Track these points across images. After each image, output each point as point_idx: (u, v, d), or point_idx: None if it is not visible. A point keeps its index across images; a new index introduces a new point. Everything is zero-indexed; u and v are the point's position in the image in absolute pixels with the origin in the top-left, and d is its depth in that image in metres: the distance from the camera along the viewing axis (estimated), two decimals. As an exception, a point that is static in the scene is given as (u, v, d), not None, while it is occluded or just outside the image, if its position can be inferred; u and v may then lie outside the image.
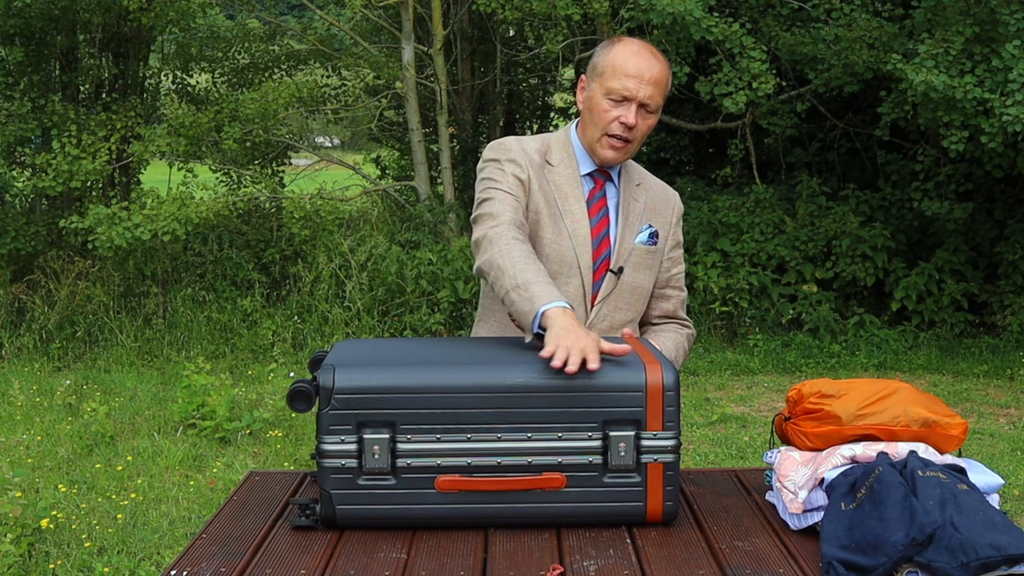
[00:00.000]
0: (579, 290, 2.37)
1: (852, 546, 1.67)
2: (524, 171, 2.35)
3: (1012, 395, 7.37)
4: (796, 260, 9.09)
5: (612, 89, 2.31)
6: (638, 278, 2.43)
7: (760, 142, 10.09)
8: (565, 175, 2.40)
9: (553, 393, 1.82)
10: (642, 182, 2.50)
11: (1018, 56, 7.22)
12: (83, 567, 4.22)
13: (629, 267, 2.41)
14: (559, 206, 2.37)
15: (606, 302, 2.39)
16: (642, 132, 2.38)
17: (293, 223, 8.94)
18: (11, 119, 8.98)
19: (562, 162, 2.41)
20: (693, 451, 5.97)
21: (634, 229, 2.42)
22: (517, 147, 2.40)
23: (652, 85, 2.32)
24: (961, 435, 1.91)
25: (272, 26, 11.19)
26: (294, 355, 8.26)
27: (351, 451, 1.83)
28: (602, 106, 2.33)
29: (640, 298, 2.45)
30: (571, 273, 2.37)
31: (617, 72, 2.31)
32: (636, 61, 2.32)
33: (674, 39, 8.45)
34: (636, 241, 2.42)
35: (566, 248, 2.36)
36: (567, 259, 2.36)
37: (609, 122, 2.32)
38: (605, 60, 2.35)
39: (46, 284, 8.84)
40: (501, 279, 2.10)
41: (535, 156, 2.40)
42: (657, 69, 2.33)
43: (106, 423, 6.22)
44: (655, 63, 2.34)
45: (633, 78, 2.30)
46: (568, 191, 2.39)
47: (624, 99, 2.31)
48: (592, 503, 1.85)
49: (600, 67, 2.36)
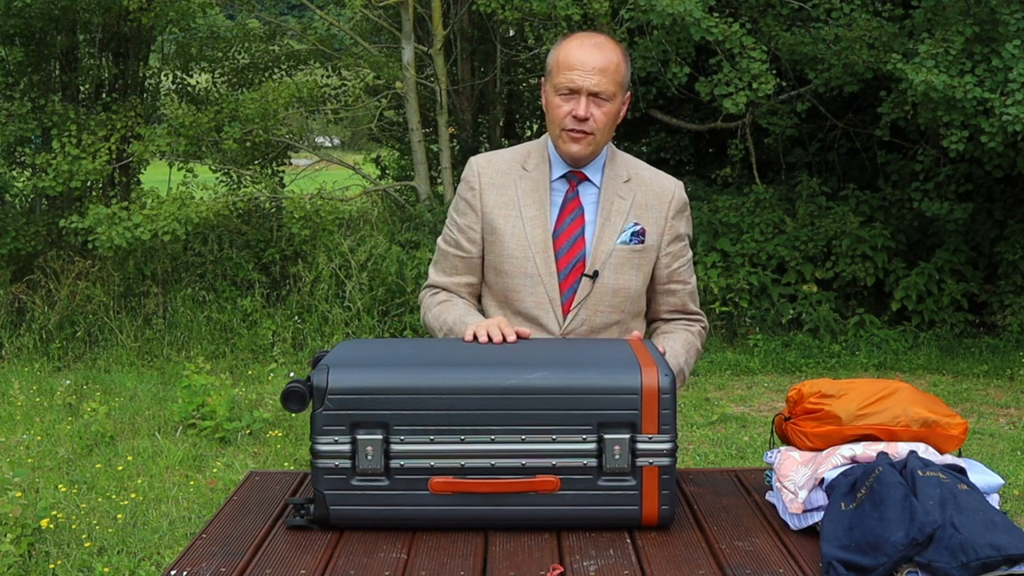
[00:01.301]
0: (544, 298, 2.37)
1: (852, 546, 1.67)
2: (476, 194, 2.46)
3: (1012, 395, 7.36)
4: (796, 260, 9.09)
5: (559, 85, 2.34)
6: (621, 279, 2.39)
7: (760, 142, 10.08)
8: (535, 181, 2.42)
9: (547, 395, 1.82)
10: (633, 177, 2.45)
11: (1018, 56, 7.22)
12: (83, 567, 4.22)
13: (609, 269, 2.38)
14: (522, 214, 2.39)
15: (583, 306, 2.38)
16: (601, 122, 2.35)
17: (293, 223, 8.94)
18: (11, 119, 8.97)
19: (536, 167, 2.43)
20: (693, 451, 5.97)
21: (615, 229, 2.39)
22: (481, 165, 2.49)
23: (598, 73, 2.31)
24: (961, 435, 1.91)
25: (272, 26, 11.18)
26: (294, 355, 8.26)
27: (345, 452, 1.83)
28: (554, 103, 2.36)
29: (626, 299, 2.41)
30: (534, 283, 2.38)
31: (561, 67, 2.33)
32: (579, 53, 2.32)
33: (674, 39, 8.45)
34: (617, 242, 2.38)
35: (525, 258, 2.38)
36: (527, 269, 2.38)
37: (562, 117, 2.34)
38: (553, 58, 2.38)
39: (46, 284, 8.84)
40: (435, 335, 2.44)
41: (505, 167, 2.46)
42: (602, 57, 2.32)
43: (106, 423, 6.22)
44: (598, 52, 2.33)
45: (576, 70, 2.31)
46: (533, 198, 2.40)
47: (572, 92, 2.32)
48: (587, 506, 1.84)
49: (550, 66, 2.39)
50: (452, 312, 2.41)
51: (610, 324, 2.40)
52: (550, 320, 2.38)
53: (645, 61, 8.96)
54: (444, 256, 2.50)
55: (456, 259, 2.47)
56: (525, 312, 2.39)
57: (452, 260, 2.48)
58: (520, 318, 2.40)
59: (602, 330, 2.40)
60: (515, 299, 2.40)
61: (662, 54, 8.78)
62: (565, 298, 2.38)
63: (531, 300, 2.38)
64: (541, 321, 2.38)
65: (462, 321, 2.36)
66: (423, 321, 2.51)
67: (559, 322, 2.38)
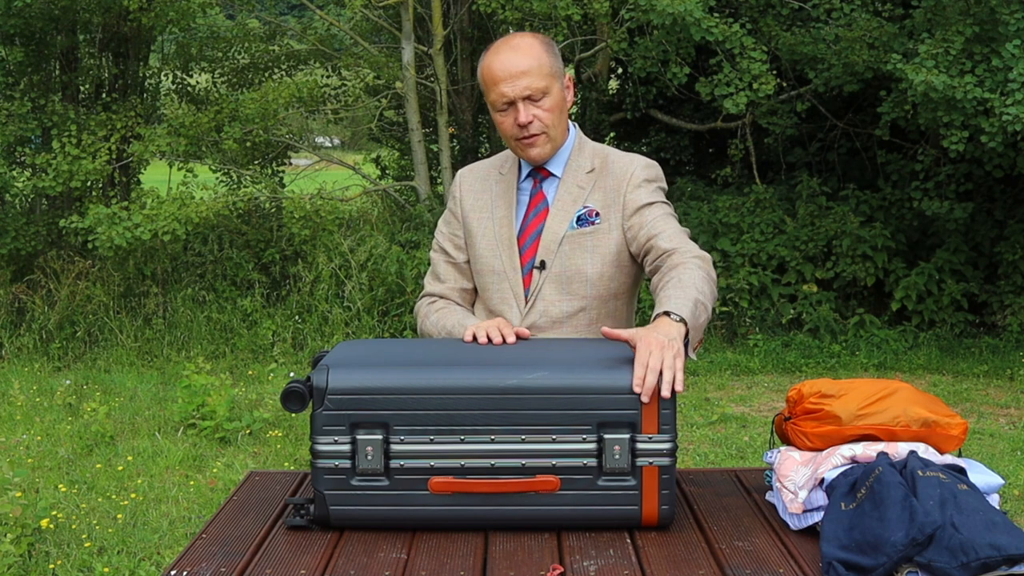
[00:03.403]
0: (509, 293, 2.40)
1: (852, 546, 1.67)
2: (456, 202, 2.50)
3: (1012, 395, 7.36)
4: (796, 260, 9.09)
5: (494, 102, 2.35)
6: (573, 264, 2.36)
7: (760, 142, 10.09)
8: (507, 183, 2.46)
9: (547, 395, 1.82)
10: (597, 167, 2.42)
11: (1018, 56, 7.22)
12: (83, 567, 4.22)
13: (560, 256, 2.36)
14: (493, 215, 2.44)
15: (539, 297, 2.38)
16: (547, 119, 2.34)
17: (293, 223, 8.94)
18: (11, 119, 8.97)
19: (509, 171, 2.47)
20: (693, 451, 5.97)
21: (566, 217, 2.38)
22: (463, 175, 2.54)
23: (523, 76, 2.29)
24: (961, 435, 1.91)
25: (272, 26, 11.19)
26: (294, 355, 8.26)
27: (344, 452, 1.83)
28: (497, 120, 2.38)
29: (583, 283, 2.37)
30: (500, 279, 2.41)
31: (488, 84, 2.34)
32: (498, 64, 2.32)
33: (674, 39, 8.45)
34: (567, 229, 2.38)
35: (493, 255, 2.42)
36: (495, 266, 2.42)
37: (509, 129, 2.35)
38: (480, 78, 2.39)
39: (46, 284, 8.85)
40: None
41: (483, 173, 2.51)
42: (520, 59, 2.30)
43: (106, 423, 6.22)
44: (516, 55, 2.31)
45: (501, 82, 2.30)
46: (504, 199, 2.45)
47: (508, 104, 2.32)
48: (587, 506, 1.84)
49: (480, 87, 2.41)
50: (450, 317, 2.43)
51: (572, 312, 2.38)
52: (513, 315, 2.39)
53: (645, 61, 8.96)
54: (436, 264, 2.54)
55: (447, 265, 2.51)
56: (493, 308, 2.43)
57: (443, 267, 2.52)
58: (491, 316, 2.42)
59: (564, 320, 2.38)
60: (485, 297, 2.45)
61: (662, 54, 8.78)
62: (529, 293, 2.40)
63: (497, 296, 2.41)
64: (506, 316, 2.40)
65: (461, 324, 2.36)
66: (420, 330, 2.51)
67: (521, 315, 2.39)
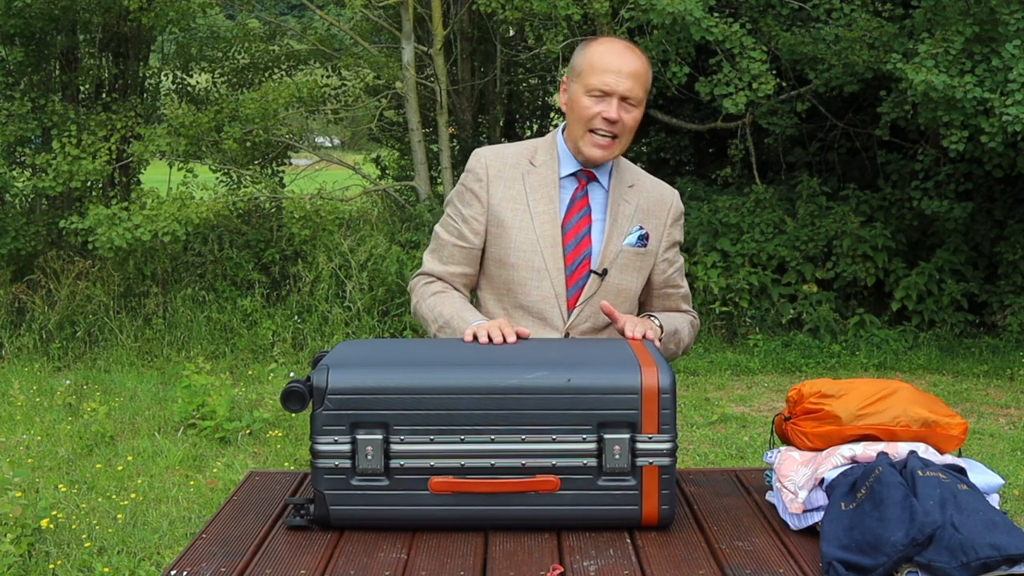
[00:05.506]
0: (550, 292, 2.39)
1: (852, 546, 1.67)
2: (483, 186, 2.43)
3: (1012, 395, 7.36)
4: (796, 260, 9.09)
5: (592, 86, 2.34)
6: (625, 280, 2.44)
7: (760, 142, 10.08)
8: (543, 176, 2.43)
9: (547, 395, 1.82)
10: (636, 183, 2.49)
11: (1018, 56, 7.22)
12: (83, 567, 4.22)
13: (615, 269, 2.41)
14: (530, 209, 2.41)
15: (589, 303, 2.40)
16: (627, 127, 2.38)
17: (293, 223, 8.94)
18: (11, 119, 8.97)
19: (544, 164, 2.44)
20: (693, 451, 5.97)
21: (623, 231, 2.43)
22: (488, 158, 2.46)
23: (631, 79, 2.33)
24: (961, 435, 1.91)
25: (272, 26, 11.18)
26: (294, 355, 8.26)
27: (345, 451, 1.83)
28: (583, 104, 2.36)
29: (626, 300, 2.45)
30: (540, 277, 2.39)
31: (595, 69, 2.34)
32: (613, 57, 2.34)
33: (674, 39, 8.45)
34: (624, 243, 2.42)
35: (533, 252, 2.39)
36: (534, 263, 2.40)
37: (591, 118, 2.35)
38: (583, 59, 2.38)
39: (46, 284, 8.84)
40: (427, 326, 2.42)
41: (512, 161, 2.45)
42: (634, 63, 2.35)
43: (106, 423, 6.22)
44: (632, 57, 2.36)
45: (611, 73, 2.33)
46: (542, 193, 2.42)
47: (604, 94, 2.34)
48: (587, 506, 1.84)
49: (579, 67, 2.39)
50: (449, 305, 2.39)
51: (610, 323, 2.42)
52: (555, 315, 2.39)
53: (645, 61, 8.95)
54: (443, 245, 2.48)
55: (456, 249, 2.46)
56: (529, 306, 2.40)
57: (451, 250, 2.47)
58: (522, 312, 2.41)
59: (604, 328, 2.42)
60: (520, 292, 2.41)
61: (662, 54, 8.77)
62: (570, 294, 2.40)
63: (536, 294, 2.39)
64: (545, 315, 2.39)
65: (460, 316, 2.35)
66: (414, 310, 2.47)
67: (564, 317, 2.39)
